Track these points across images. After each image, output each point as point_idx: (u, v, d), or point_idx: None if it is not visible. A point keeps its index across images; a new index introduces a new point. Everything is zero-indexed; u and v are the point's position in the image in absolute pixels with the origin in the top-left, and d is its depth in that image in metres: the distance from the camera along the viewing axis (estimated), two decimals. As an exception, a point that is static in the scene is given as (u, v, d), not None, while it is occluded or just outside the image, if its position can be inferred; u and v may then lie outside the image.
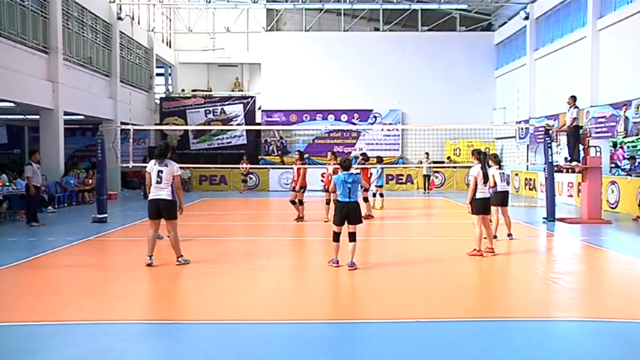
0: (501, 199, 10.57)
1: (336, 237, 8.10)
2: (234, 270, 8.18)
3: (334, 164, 12.65)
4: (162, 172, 8.17)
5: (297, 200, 13.47)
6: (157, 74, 29.49)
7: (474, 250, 8.98)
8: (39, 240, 10.91)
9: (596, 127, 17.34)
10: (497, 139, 26.20)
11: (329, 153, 14.14)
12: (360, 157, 14.29)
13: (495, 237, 10.14)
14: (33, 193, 13.13)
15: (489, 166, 9.79)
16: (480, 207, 9.07)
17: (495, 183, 10.27)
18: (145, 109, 27.29)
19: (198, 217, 14.48)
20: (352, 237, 7.99)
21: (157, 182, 8.17)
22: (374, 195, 16.43)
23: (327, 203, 13.25)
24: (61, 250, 9.74)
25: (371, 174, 15.90)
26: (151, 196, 8.26)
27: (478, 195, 9.05)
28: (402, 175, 25.73)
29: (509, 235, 10.66)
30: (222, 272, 8.04)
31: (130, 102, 24.63)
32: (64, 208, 17.10)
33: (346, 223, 7.99)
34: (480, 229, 9.03)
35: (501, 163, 10.86)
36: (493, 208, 10.28)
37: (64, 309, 6.03)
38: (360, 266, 8.09)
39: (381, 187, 16.47)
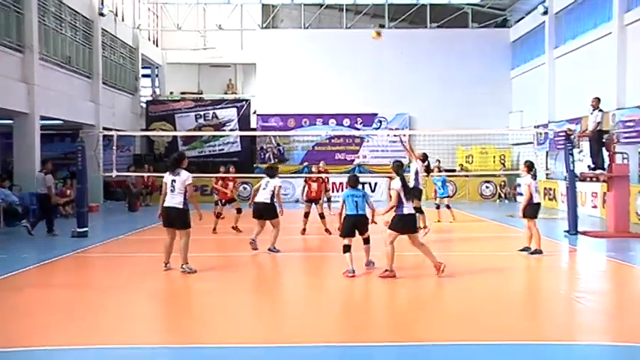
0: (535, 210, 10.63)
1: (347, 248, 8.82)
2: (233, 288, 8.18)
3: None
4: (175, 181, 8.93)
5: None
6: (143, 75, 29.52)
7: (385, 271, 8.56)
8: (10, 257, 10.75)
9: (624, 132, 17.32)
10: (514, 145, 26.20)
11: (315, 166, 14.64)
12: (419, 155, 13.81)
13: (527, 250, 10.43)
14: (56, 202, 14.02)
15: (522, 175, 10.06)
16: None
17: (531, 194, 10.41)
18: (130, 113, 27.32)
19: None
20: (366, 241, 9.05)
21: (171, 191, 8.95)
22: (438, 207, 16.52)
23: (306, 216, 13.56)
24: (35, 269, 9.67)
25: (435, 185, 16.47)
26: (165, 204, 9.01)
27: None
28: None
29: (527, 248, 10.64)
30: (219, 290, 8.02)
31: (114, 105, 24.68)
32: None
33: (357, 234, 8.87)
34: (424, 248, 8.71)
35: (536, 172, 10.93)
36: (528, 222, 10.48)
37: (39, 333, 5.99)
38: (376, 282, 8.12)
39: (446, 197, 16.71)
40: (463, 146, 26.12)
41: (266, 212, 10.90)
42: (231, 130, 27.26)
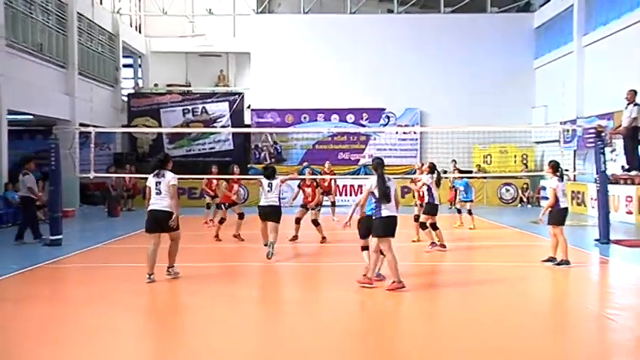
0: (563, 216, 10.58)
1: (366, 248, 9.26)
2: (224, 304, 8.15)
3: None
4: (159, 183, 9.21)
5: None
6: (124, 65, 29.56)
7: (392, 282, 8.55)
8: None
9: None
10: (537, 143, 26.15)
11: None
12: (426, 168, 13.82)
13: (553, 260, 10.40)
14: (42, 203, 13.93)
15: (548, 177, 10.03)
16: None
17: (557, 198, 10.38)
18: (110, 107, 27.30)
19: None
20: (365, 249, 9.28)
21: (157, 193, 9.21)
22: (459, 211, 16.61)
23: (297, 222, 13.68)
24: (2, 281, 9.60)
25: (454, 187, 16.82)
26: (151, 207, 9.22)
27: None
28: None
29: (552, 259, 10.56)
30: (209, 305, 8.01)
31: (91, 99, 24.65)
32: (7, 227, 16.94)
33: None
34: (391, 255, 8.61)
35: (563, 174, 10.89)
36: (553, 229, 10.43)
37: (4, 353, 5.92)
38: (382, 296, 8.03)
39: (469, 202, 16.77)
40: (480, 145, 26.06)
41: (273, 214, 11.50)
42: (222, 126, 27.25)
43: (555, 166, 10.62)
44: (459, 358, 5.86)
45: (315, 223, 13.69)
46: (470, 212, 16.63)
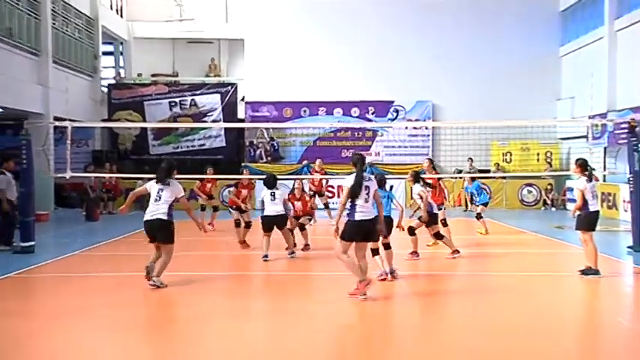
0: (593, 221, 10.53)
1: (375, 252, 10.08)
2: (213, 317, 8.13)
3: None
4: (162, 190, 9.73)
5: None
6: (104, 53, 29.47)
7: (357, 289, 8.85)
8: None
9: None
10: (563, 139, 26.10)
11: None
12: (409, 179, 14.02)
13: (592, 272, 10.29)
14: (6, 209, 13.66)
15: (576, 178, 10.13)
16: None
17: (585, 200, 10.37)
18: (88, 99, 27.24)
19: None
20: (387, 247, 10.23)
21: (156, 200, 9.71)
22: (479, 217, 16.58)
23: (291, 232, 13.67)
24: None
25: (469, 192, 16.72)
26: (146, 217, 9.72)
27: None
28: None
29: (588, 270, 10.47)
30: (196, 319, 7.98)
31: (67, 90, 24.57)
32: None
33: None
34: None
35: (592, 173, 10.86)
36: (583, 235, 10.39)
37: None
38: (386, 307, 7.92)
39: (483, 205, 16.82)
40: (499, 141, 26.02)
41: (281, 222, 12.45)
42: (213, 121, 27.19)
43: (583, 165, 10.59)
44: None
45: (302, 227, 13.75)
46: (479, 216, 16.58)
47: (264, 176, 13.70)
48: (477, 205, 16.95)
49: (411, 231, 12.47)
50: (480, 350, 6.65)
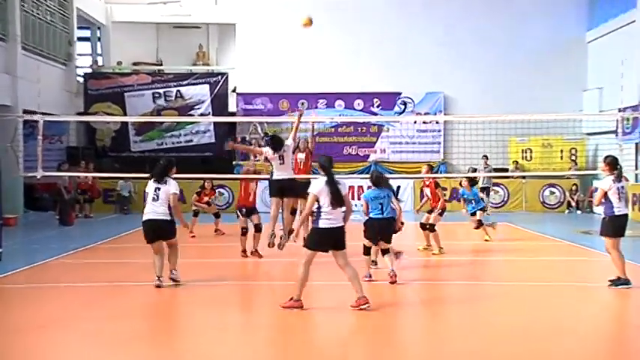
0: (620, 226, 10.48)
1: (368, 250, 11.09)
2: (201, 330, 8.11)
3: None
4: (159, 189, 10.52)
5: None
6: (80, 39, 29.46)
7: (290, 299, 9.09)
8: None
9: None
10: (589, 134, 26.10)
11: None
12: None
13: (622, 282, 10.28)
14: None
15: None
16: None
17: (610, 202, 10.37)
18: (62, 90, 27.18)
19: (141, 251, 14.28)
20: (385, 252, 10.94)
21: (154, 199, 10.50)
22: (489, 223, 16.34)
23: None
24: None
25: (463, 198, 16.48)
26: (145, 216, 10.57)
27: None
28: (445, 190, 25.38)
29: (618, 280, 10.44)
30: (183, 333, 8.06)
31: (39, 79, 24.48)
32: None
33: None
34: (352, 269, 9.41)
35: (621, 173, 10.84)
36: (608, 241, 10.39)
37: None
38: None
39: (483, 210, 16.62)
40: (518, 137, 26.01)
41: (298, 188, 12.23)
42: (201, 114, 27.19)
43: (613, 163, 10.57)
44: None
45: (293, 212, 13.54)
46: (480, 224, 16.07)
47: (266, 176, 13.59)
48: (471, 213, 16.25)
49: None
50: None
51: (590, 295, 10.25)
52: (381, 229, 10.84)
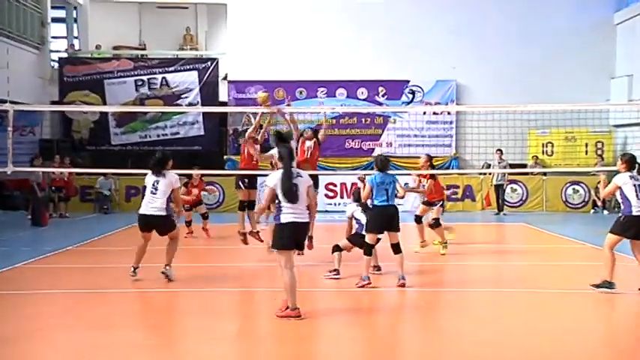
0: (630, 226, 10.54)
1: (371, 249, 11.11)
2: (186, 342, 8.18)
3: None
4: (158, 182, 11.20)
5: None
6: (54, 19, 29.50)
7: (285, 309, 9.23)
8: None
9: None
10: (617, 126, 26.10)
11: None
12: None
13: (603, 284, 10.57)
14: None
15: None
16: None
17: (627, 199, 10.47)
18: (34, 77, 27.21)
19: (123, 255, 14.33)
20: (397, 248, 11.07)
21: (152, 192, 11.22)
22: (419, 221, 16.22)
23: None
24: None
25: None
26: (141, 210, 11.33)
27: None
28: (457, 187, 25.56)
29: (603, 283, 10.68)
30: (169, 344, 8.05)
31: (8, 65, 24.53)
32: None
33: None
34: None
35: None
36: (609, 237, 10.57)
37: None
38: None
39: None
40: (538, 130, 26.04)
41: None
42: (189, 104, 27.24)
43: (630, 162, 10.82)
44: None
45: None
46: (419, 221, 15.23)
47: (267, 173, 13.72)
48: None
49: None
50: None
51: (620, 304, 10.31)
52: (388, 217, 11.02)
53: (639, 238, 10.58)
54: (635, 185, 10.47)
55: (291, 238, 9.07)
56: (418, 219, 14.62)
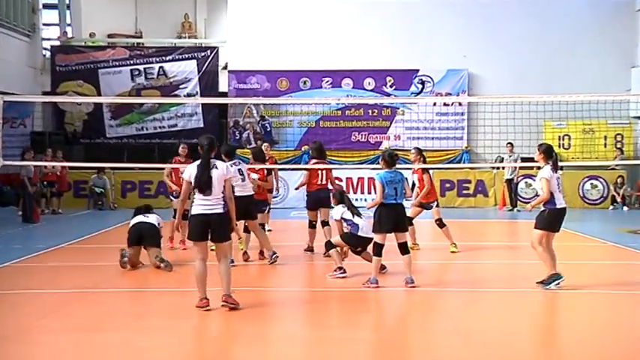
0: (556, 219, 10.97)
1: (381, 250, 10.98)
2: (180, 345, 8.13)
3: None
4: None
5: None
6: (46, 6, 29.55)
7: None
8: None
9: None
10: (637, 118, 26.07)
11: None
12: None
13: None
14: None
15: None
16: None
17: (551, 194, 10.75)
18: (25, 66, 27.23)
19: (117, 253, 14.28)
20: (405, 248, 11.14)
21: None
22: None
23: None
24: None
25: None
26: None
27: None
28: (469, 182, 25.49)
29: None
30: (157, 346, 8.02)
31: (-3, 54, 24.55)
32: None
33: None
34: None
35: (557, 161, 11.10)
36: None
37: None
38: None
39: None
40: (554, 122, 25.95)
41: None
42: (188, 95, 27.26)
43: (547, 151, 10.98)
44: None
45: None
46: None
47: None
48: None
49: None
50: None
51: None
52: (398, 217, 10.96)
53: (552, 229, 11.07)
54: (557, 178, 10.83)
55: (200, 229, 9.34)
56: (409, 220, 14.04)
